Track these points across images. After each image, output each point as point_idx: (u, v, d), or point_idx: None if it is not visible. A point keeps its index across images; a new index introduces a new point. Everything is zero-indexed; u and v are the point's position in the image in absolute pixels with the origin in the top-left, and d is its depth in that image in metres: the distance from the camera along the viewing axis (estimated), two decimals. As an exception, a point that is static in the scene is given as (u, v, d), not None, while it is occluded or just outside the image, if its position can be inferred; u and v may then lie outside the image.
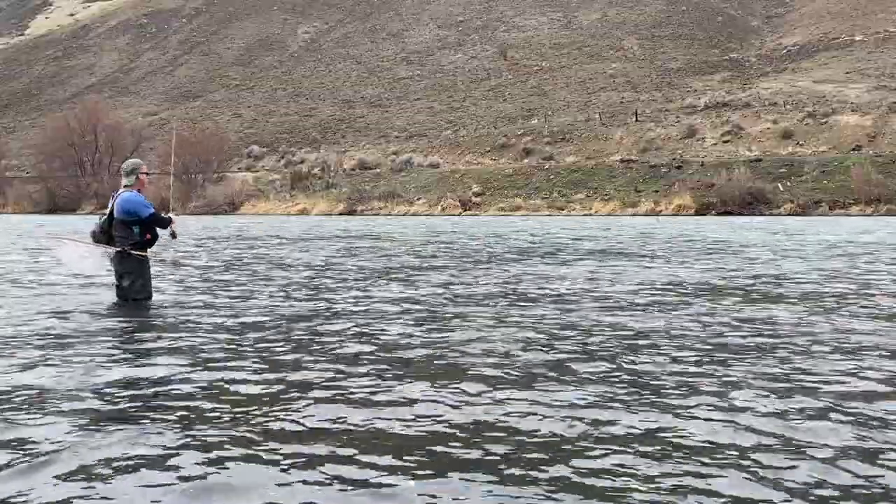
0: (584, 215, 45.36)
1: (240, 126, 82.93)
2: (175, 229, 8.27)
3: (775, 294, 9.17)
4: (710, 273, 11.81)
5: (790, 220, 36.70)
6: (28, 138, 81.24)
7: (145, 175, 8.19)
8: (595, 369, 5.14)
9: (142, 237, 8.02)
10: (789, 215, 41.33)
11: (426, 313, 7.63)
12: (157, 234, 8.25)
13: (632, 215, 44.40)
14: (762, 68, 74.63)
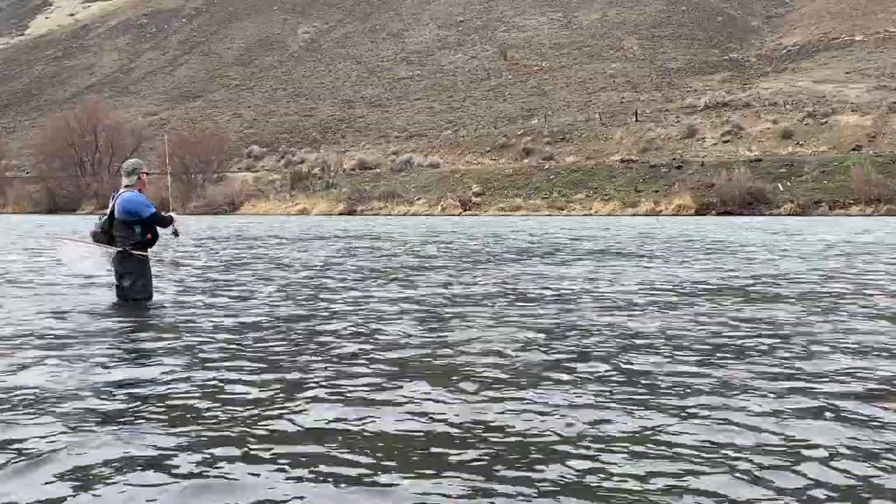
0: (584, 215, 45.36)
1: (240, 126, 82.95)
2: (177, 228, 8.30)
3: (773, 294, 9.18)
4: (708, 273, 11.81)
5: (790, 220, 36.70)
6: (28, 138, 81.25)
7: (146, 175, 8.23)
8: (593, 369, 5.15)
9: (143, 237, 8.04)
10: (789, 215, 41.34)
11: (425, 313, 7.64)
12: (157, 234, 8.27)
13: (632, 215, 44.40)
14: (762, 68, 74.63)
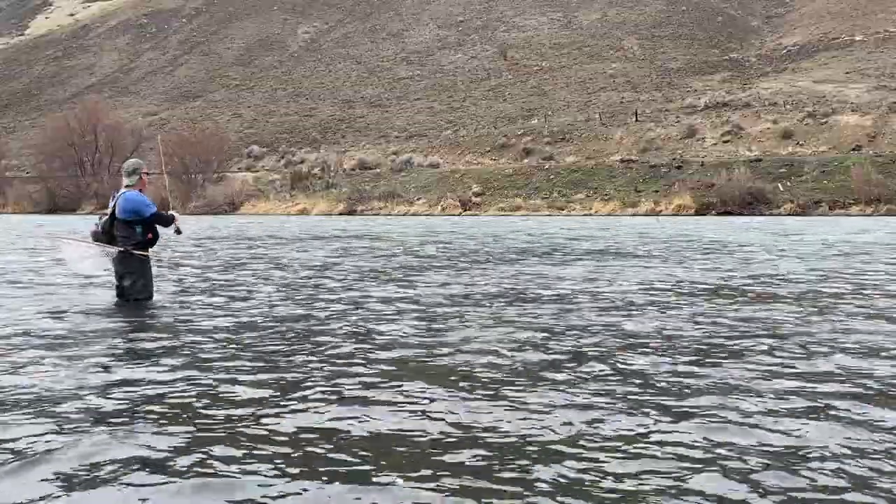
0: (584, 215, 45.36)
1: (240, 126, 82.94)
2: (179, 226, 8.30)
3: (771, 294, 9.19)
4: (707, 273, 11.82)
5: (790, 220, 36.70)
6: (28, 138, 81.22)
7: (146, 175, 8.24)
8: (591, 369, 5.16)
9: (144, 237, 8.05)
10: (789, 215, 41.33)
11: (423, 313, 7.65)
12: (158, 233, 8.28)
13: (632, 215, 44.40)
14: (762, 68, 74.62)
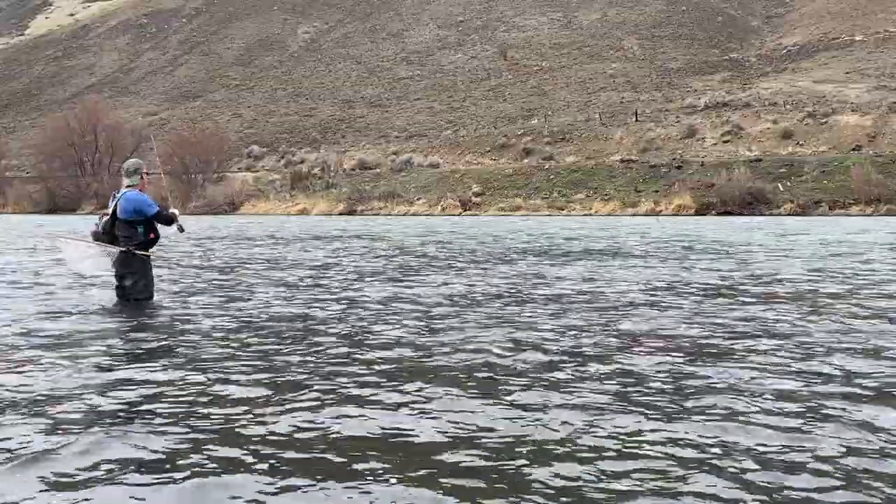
0: (584, 215, 45.36)
1: (240, 126, 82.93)
2: (181, 224, 8.30)
3: (776, 294, 9.19)
4: (706, 273, 11.83)
5: (790, 220, 36.70)
6: (28, 138, 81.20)
7: (146, 175, 8.25)
8: (588, 370, 5.16)
9: (146, 237, 8.05)
10: (789, 215, 41.33)
11: (421, 314, 7.66)
12: (159, 233, 8.28)
13: (632, 215, 44.40)
14: (762, 68, 74.61)
